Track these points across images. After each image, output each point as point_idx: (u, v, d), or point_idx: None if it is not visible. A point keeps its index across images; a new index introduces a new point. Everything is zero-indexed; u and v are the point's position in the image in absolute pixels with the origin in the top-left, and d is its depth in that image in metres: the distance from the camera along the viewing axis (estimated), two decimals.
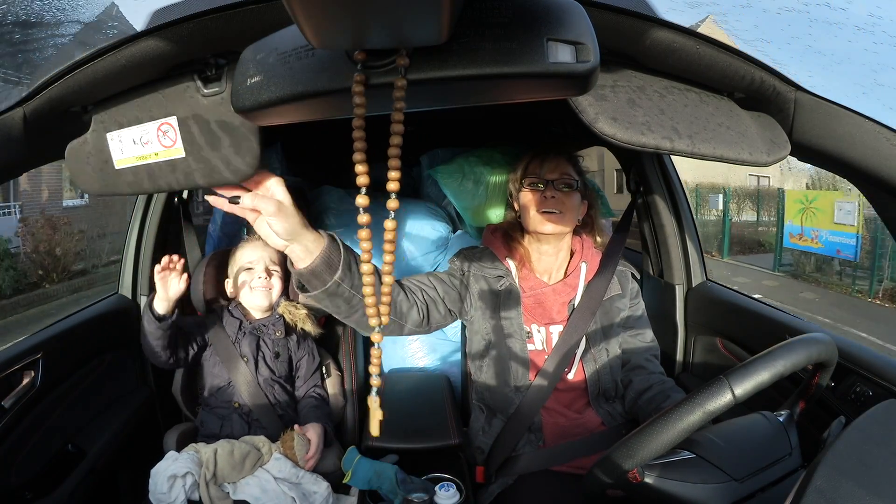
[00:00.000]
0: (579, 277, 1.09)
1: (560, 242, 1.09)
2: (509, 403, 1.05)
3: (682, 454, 0.67)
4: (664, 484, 0.65)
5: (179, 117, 0.67)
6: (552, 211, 1.04)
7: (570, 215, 1.06)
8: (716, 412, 0.62)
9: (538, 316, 1.08)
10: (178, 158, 0.67)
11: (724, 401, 0.62)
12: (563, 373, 1.05)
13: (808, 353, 0.66)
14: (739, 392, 0.62)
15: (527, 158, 1.11)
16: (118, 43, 0.64)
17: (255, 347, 1.20)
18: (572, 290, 1.09)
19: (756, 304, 1.22)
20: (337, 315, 0.85)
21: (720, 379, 0.63)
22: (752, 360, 0.65)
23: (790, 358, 0.64)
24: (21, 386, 1.01)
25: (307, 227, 0.72)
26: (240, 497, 1.02)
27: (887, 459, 0.54)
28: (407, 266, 1.69)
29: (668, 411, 0.64)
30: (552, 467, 1.02)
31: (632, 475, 0.65)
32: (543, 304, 1.08)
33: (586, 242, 1.13)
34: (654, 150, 0.61)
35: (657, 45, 0.63)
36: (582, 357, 1.06)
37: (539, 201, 1.05)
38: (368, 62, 0.47)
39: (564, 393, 1.07)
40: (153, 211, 1.40)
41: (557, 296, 1.08)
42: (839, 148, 0.67)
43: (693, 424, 0.62)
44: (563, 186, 1.05)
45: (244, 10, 0.61)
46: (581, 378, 1.07)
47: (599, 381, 1.06)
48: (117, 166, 0.70)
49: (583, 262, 1.10)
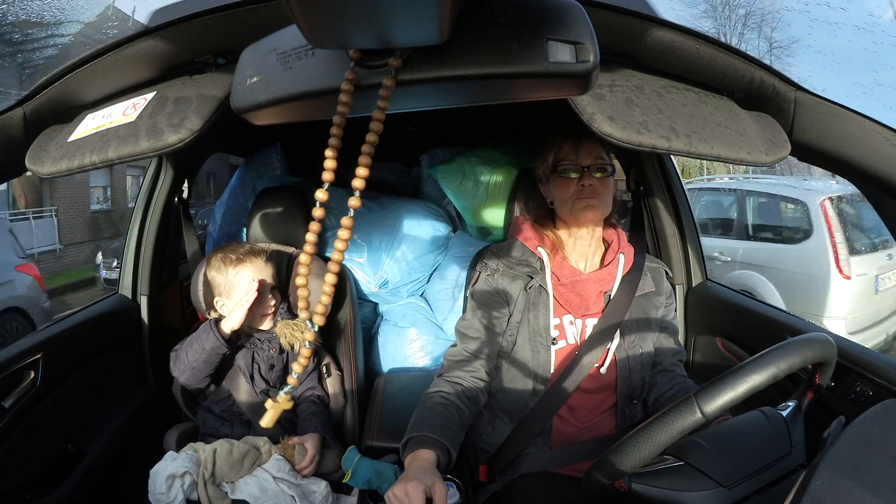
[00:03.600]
0: (617, 268, 1.04)
1: (596, 228, 1.05)
2: (524, 406, 1.02)
3: (671, 462, 0.67)
4: (651, 492, 0.65)
5: (157, 95, 0.67)
6: (591, 200, 0.99)
7: (608, 200, 1.01)
8: (685, 430, 0.62)
9: (575, 306, 1.02)
10: (126, 123, 0.67)
11: (694, 419, 0.62)
12: (593, 368, 1.00)
13: (791, 361, 0.65)
14: (709, 410, 0.62)
15: (557, 143, 1.03)
16: (118, 43, 0.65)
17: (249, 361, 1.18)
18: (610, 281, 1.03)
19: (756, 304, 1.22)
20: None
21: (689, 398, 0.63)
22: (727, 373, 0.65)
23: (781, 363, 0.64)
24: (21, 386, 1.01)
25: (432, 473, 0.80)
26: (239, 496, 1.01)
27: (887, 459, 0.54)
28: (407, 265, 1.69)
29: (647, 424, 0.64)
30: (552, 469, 1.02)
31: (619, 484, 0.66)
32: (581, 293, 1.02)
33: (621, 235, 1.08)
34: (651, 149, 0.61)
35: (657, 45, 0.63)
36: (616, 351, 1.01)
37: (576, 190, 0.99)
38: (365, 62, 0.47)
39: (591, 394, 1.02)
40: (153, 211, 1.40)
41: (595, 285, 1.03)
42: (839, 148, 0.67)
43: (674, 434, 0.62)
44: (598, 172, 1.00)
45: (244, 10, 0.61)
46: (612, 375, 1.02)
47: (631, 379, 1.02)
48: (71, 139, 0.70)
49: (621, 253, 1.05)
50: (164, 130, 0.65)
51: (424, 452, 0.85)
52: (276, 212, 1.41)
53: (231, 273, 1.16)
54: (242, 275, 1.16)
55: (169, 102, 0.67)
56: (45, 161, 0.69)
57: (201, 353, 1.10)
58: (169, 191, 1.39)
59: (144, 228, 1.40)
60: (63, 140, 0.70)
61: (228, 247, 1.21)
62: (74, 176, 0.77)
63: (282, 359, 1.22)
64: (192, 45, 0.68)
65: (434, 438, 0.87)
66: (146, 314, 1.39)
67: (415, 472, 0.80)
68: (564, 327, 1.02)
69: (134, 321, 1.38)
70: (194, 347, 1.11)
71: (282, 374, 1.22)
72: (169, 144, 0.65)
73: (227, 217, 1.91)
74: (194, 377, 1.12)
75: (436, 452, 0.85)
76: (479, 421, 1.09)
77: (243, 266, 1.17)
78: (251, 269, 1.17)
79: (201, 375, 1.12)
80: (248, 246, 1.20)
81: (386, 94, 0.47)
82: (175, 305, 1.53)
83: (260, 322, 1.20)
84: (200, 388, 1.17)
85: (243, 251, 1.18)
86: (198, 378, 1.13)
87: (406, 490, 0.74)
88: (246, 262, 1.17)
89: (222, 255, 1.18)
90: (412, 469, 0.81)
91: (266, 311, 1.19)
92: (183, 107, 0.66)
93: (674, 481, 0.65)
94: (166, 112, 0.66)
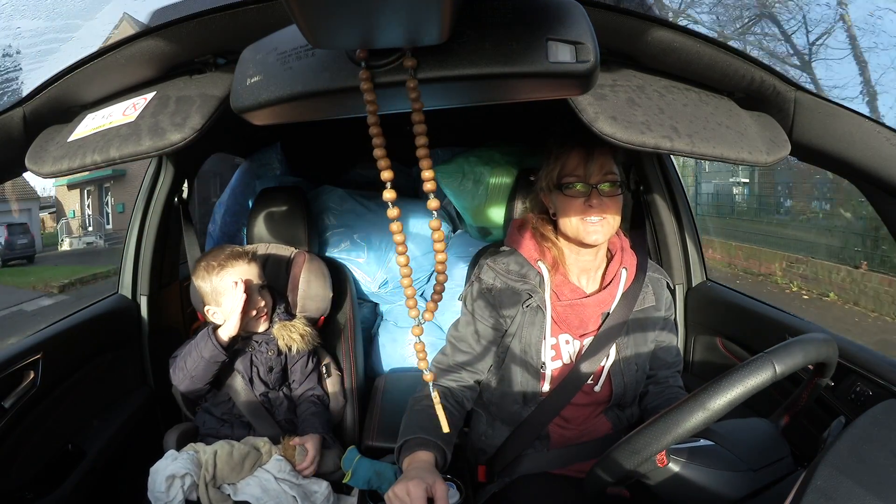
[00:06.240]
0: (618, 287, 0.98)
1: (602, 244, 0.98)
2: (518, 417, 1.00)
3: (702, 442, 0.68)
4: (688, 469, 0.66)
5: (158, 94, 0.67)
6: (597, 223, 0.91)
7: (616, 219, 0.93)
8: (756, 388, 0.61)
9: (573, 327, 0.97)
10: (127, 122, 0.67)
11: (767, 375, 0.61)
12: (584, 385, 0.97)
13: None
14: (780, 369, 0.61)
15: (564, 154, 0.94)
16: (118, 43, 0.65)
17: (248, 364, 1.18)
18: (610, 301, 0.98)
19: (756, 304, 1.22)
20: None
21: (762, 356, 0.63)
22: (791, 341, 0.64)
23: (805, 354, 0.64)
24: (21, 386, 1.01)
25: (432, 473, 0.81)
26: (241, 497, 1.02)
27: (887, 459, 0.54)
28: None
29: (685, 401, 0.64)
30: (552, 470, 1.02)
31: (659, 458, 0.66)
32: (580, 314, 0.97)
33: (625, 243, 1.03)
34: (653, 149, 0.61)
35: (657, 45, 0.63)
36: (610, 369, 0.98)
37: (581, 209, 0.91)
38: (370, 61, 0.47)
39: (582, 407, 1.00)
40: (153, 211, 1.40)
41: (596, 308, 0.98)
42: (839, 148, 0.67)
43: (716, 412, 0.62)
44: (608, 189, 0.91)
45: (244, 10, 0.61)
46: (606, 392, 0.99)
47: (625, 395, 1.00)
48: (71, 138, 0.69)
49: (623, 269, 1.00)
50: (166, 129, 0.65)
51: (423, 454, 0.85)
52: (277, 212, 1.41)
53: (215, 280, 1.14)
54: (226, 280, 1.13)
55: (171, 102, 0.67)
56: (46, 161, 0.69)
57: (200, 361, 1.09)
58: (169, 191, 1.39)
59: (144, 228, 1.40)
60: (63, 140, 0.70)
61: (211, 253, 1.18)
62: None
63: (280, 360, 1.21)
64: (192, 45, 0.68)
65: (431, 440, 0.87)
66: (146, 314, 1.39)
67: (415, 471, 0.80)
68: (560, 347, 0.98)
69: (134, 321, 1.38)
70: (193, 356, 1.10)
71: (280, 375, 1.22)
72: (172, 143, 0.64)
73: (227, 217, 1.91)
74: (194, 385, 1.12)
75: (433, 454, 0.86)
76: (478, 422, 1.09)
77: (225, 271, 1.14)
78: (234, 272, 1.14)
79: (201, 383, 1.12)
80: (229, 249, 1.17)
81: (416, 95, 0.47)
82: (175, 305, 1.53)
83: (256, 324, 1.20)
84: (200, 394, 1.17)
85: (224, 256, 1.15)
86: (197, 385, 1.12)
87: (408, 489, 0.74)
88: (228, 266, 1.14)
89: (205, 263, 1.16)
90: (412, 469, 0.82)
91: (258, 312, 1.18)
92: (185, 106, 0.66)
93: (710, 460, 0.66)
94: (169, 111, 0.66)
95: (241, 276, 1.14)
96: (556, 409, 0.98)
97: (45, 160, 0.69)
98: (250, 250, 1.22)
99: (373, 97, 0.48)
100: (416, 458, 0.85)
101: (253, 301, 1.16)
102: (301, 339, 1.19)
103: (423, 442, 0.87)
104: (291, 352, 1.19)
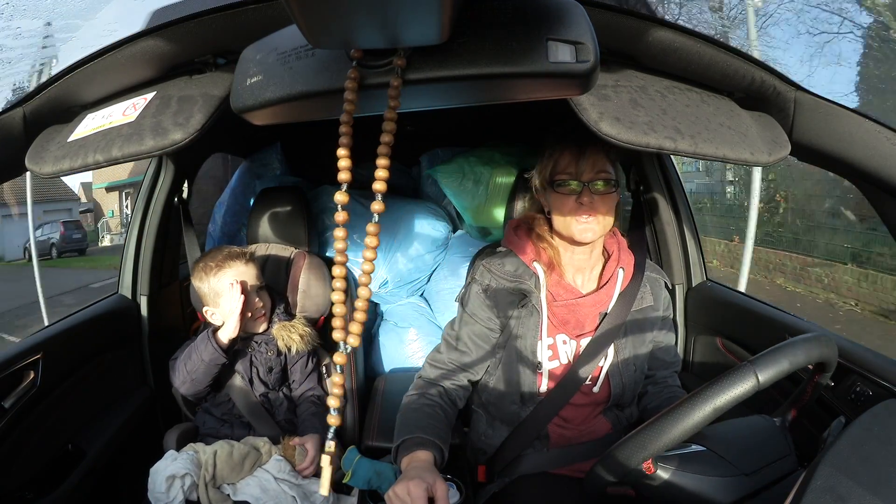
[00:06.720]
0: (615, 286, 0.99)
1: (595, 242, 0.98)
2: (516, 418, 1.01)
3: (693, 447, 0.68)
4: (677, 476, 0.65)
5: (159, 94, 0.67)
6: (589, 222, 0.92)
7: (609, 218, 0.94)
8: (739, 398, 0.61)
9: (570, 327, 0.98)
10: (128, 122, 0.67)
11: (748, 386, 0.61)
12: (583, 386, 0.97)
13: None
14: (763, 379, 0.61)
15: (557, 152, 0.95)
16: (118, 43, 0.65)
17: (248, 365, 1.18)
18: (607, 301, 0.98)
19: (756, 304, 1.21)
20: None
21: (745, 365, 0.62)
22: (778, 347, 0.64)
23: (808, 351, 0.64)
24: (21, 386, 1.01)
25: (432, 472, 0.80)
26: (240, 498, 1.02)
27: (887, 459, 0.54)
28: (407, 266, 1.69)
29: (681, 403, 0.63)
30: (552, 469, 1.02)
31: (646, 466, 0.65)
32: (577, 314, 0.97)
33: (622, 242, 1.03)
34: (657, 150, 0.61)
35: (657, 45, 0.63)
36: (608, 370, 0.98)
37: (573, 207, 0.92)
38: (366, 61, 0.47)
39: (581, 408, 1.00)
40: (153, 211, 1.40)
41: (592, 307, 0.98)
42: (839, 148, 0.67)
43: (707, 416, 0.62)
44: (600, 187, 0.92)
45: (244, 10, 0.61)
46: (605, 393, 0.99)
47: (623, 396, 1.00)
48: (71, 138, 0.69)
49: (620, 269, 1.00)
50: (169, 129, 0.65)
51: (421, 453, 0.85)
52: (276, 212, 1.41)
53: (213, 281, 1.14)
54: (223, 281, 1.13)
55: (173, 101, 0.67)
56: (46, 161, 0.69)
57: (200, 364, 1.09)
58: (169, 191, 1.39)
59: (144, 228, 1.40)
60: (64, 140, 0.70)
61: (209, 254, 1.19)
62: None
63: (280, 361, 1.21)
64: (192, 45, 0.68)
65: (429, 439, 0.87)
66: (146, 314, 1.39)
67: (415, 471, 0.79)
68: (557, 347, 0.98)
69: (134, 321, 1.38)
70: (193, 359, 1.10)
71: (280, 376, 1.22)
72: (175, 142, 0.65)
73: (227, 217, 1.91)
74: (194, 387, 1.12)
75: (432, 453, 0.86)
76: (478, 422, 1.09)
77: (223, 272, 1.14)
78: (231, 273, 1.14)
79: (201, 385, 1.12)
80: (227, 250, 1.17)
81: (395, 93, 0.47)
82: (175, 305, 1.53)
83: (255, 325, 1.19)
84: (201, 395, 1.17)
85: (222, 257, 1.15)
86: (198, 388, 1.12)
87: (408, 489, 0.74)
88: (224, 267, 1.14)
89: (203, 265, 1.16)
90: (412, 469, 0.81)
91: (256, 312, 1.18)
92: (188, 105, 0.66)
93: (699, 466, 0.66)
94: (171, 111, 0.66)
95: (238, 277, 1.14)
96: (554, 409, 0.98)
97: (46, 160, 0.69)
98: (248, 251, 1.22)
99: (353, 97, 0.48)
100: (415, 457, 0.85)
101: (251, 302, 1.16)
102: (301, 339, 1.19)
103: (422, 441, 0.87)
104: (291, 352, 1.19)
